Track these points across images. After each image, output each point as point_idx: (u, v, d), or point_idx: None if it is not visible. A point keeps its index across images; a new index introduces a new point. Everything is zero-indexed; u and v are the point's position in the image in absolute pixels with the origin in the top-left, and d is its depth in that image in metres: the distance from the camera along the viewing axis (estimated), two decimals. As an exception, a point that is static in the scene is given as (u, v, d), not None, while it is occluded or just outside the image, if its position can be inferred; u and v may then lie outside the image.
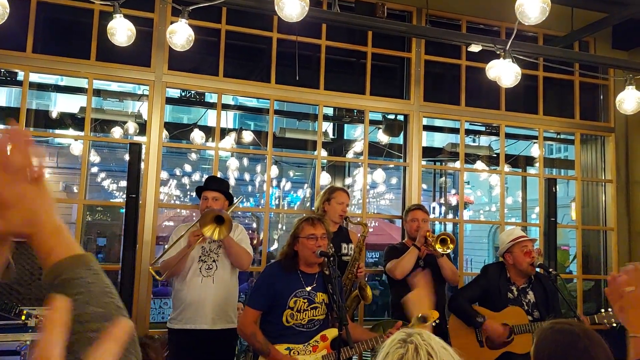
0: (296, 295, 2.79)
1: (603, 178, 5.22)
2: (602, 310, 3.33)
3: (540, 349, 1.60)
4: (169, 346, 3.38)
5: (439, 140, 8.85)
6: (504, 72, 3.43)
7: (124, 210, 3.58)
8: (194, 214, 3.35)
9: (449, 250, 3.61)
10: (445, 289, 3.88)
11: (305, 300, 2.81)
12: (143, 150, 3.83)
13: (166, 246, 3.40)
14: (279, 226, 12.39)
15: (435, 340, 1.15)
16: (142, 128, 4.61)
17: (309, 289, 2.83)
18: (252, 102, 8.68)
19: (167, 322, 3.40)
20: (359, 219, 4.45)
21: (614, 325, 3.23)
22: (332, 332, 2.83)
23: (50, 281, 0.76)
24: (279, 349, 2.72)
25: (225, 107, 6.19)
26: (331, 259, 2.78)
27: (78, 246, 0.80)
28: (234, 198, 3.58)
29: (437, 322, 2.78)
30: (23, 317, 2.69)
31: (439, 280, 3.77)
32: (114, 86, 5.96)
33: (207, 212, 3.13)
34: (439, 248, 3.54)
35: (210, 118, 6.76)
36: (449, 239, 3.58)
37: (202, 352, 3.28)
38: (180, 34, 3.07)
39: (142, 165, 3.84)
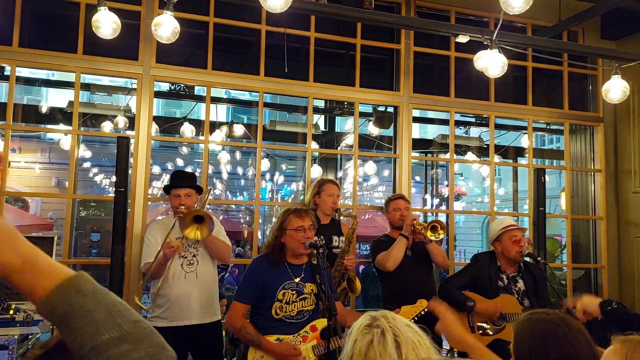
0: (284, 287, 2.80)
1: (592, 168, 5.26)
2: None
3: (520, 342, 1.58)
4: None
5: (432, 132, 8.86)
6: (491, 63, 3.43)
7: (114, 205, 3.55)
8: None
9: (440, 237, 3.63)
10: (433, 278, 3.90)
11: (294, 292, 2.81)
12: (132, 144, 3.82)
13: (144, 250, 3.31)
14: (273, 220, 12.40)
15: (400, 320, 1.16)
16: (132, 122, 4.59)
17: (297, 280, 2.84)
18: (244, 96, 8.66)
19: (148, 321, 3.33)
20: (350, 211, 4.47)
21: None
22: (321, 323, 2.83)
23: (47, 318, 0.70)
24: (269, 339, 2.73)
25: (216, 100, 6.17)
26: (320, 250, 2.79)
27: (62, 269, 0.72)
28: (202, 189, 3.52)
29: (425, 311, 2.80)
30: (11, 312, 2.69)
31: (427, 269, 3.80)
32: (105, 80, 5.93)
33: (186, 213, 3.07)
34: (430, 236, 3.56)
35: (202, 111, 6.76)
36: (439, 226, 3.61)
37: (191, 347, 3.27)
38: (165, 26, 3.05)
39: (132, 159, 3.83)
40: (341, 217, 3.92)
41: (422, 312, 2.85)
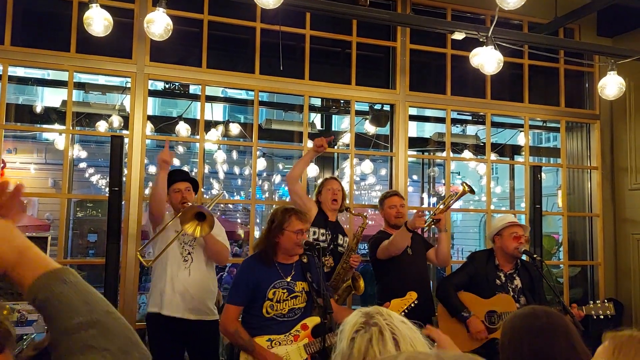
0: (275, 287, 2.78)
1: (588, 165, 5.25)
2: (591, 300, 3.38)
3: (503, 336, 1.59)
4: (147, 330, 3.34)
5: (429, 130, 8.86)
6: (487, 60, 3.42)
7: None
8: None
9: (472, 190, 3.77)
10: (430, 275, 3.90)
11: (285, 291, 2.80)
12: (127, 144, 3.80)
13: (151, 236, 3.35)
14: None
15: (395, 316, 1.14)
16: (127, 121, 4.57)
17: (288, 279, 2.83)
18: (240, 95, 8.63)
19: (146, 307, 3.36)
20: (358, 210, 4.45)
21: (601, 317, 3.27)
22: (312, 321, 2.82)
23: (32, 304, 0.76)
24: (260, 340, 2.71)
25: (212, 99, 6.15)
26: (316, 247, 2.80)
27: (50, 261, 0.78)
28: (198, 183, 3.55)
29: (415, 303, 2.79)
30: (5, 312, 2.67)
31: (425, 267, 3.81)
32: (101, 80, 5.90)
33: (189, 208, 3.06)
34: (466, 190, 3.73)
35: (198, 111, 6.73)
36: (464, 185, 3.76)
37: (187, 345, 3.26)
38: (158, 23, 3.02)
39: (127, 158, 3.81)
40: (354, 216, 3.95)
41: (412, 305, 2.83)
